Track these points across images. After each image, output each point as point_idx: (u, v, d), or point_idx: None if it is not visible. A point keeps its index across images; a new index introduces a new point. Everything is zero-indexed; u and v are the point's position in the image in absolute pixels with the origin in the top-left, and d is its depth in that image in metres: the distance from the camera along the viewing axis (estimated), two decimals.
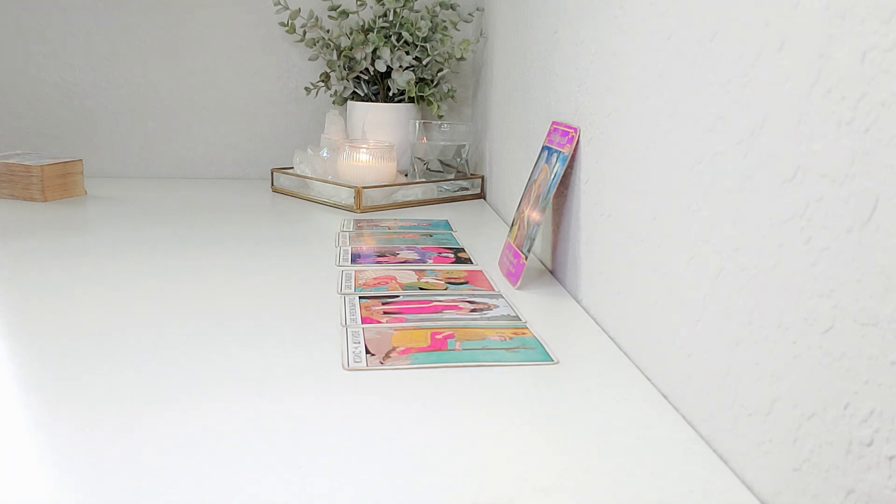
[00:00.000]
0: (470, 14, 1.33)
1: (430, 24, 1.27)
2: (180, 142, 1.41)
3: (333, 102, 1.35)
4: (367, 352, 0.56)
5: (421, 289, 0.72)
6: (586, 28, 0.71)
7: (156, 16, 1.35)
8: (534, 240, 0.73)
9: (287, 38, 1.38)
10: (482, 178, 1.29)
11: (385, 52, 1.24)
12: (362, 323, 0.62)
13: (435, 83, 1.29)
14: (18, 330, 0.59)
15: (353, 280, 0.75)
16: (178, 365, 0.53)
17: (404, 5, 1.26)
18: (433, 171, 1.26)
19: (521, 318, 0.65)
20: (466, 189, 1.27)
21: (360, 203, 1.11)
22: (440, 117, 1.29)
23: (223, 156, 1.43)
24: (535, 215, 0.74)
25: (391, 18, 1.27)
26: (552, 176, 0.73)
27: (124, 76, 1.37)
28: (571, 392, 0.51)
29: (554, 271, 0.81)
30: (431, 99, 1.29)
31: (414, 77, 1.26)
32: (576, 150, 0.72)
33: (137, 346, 0.56)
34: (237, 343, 0.57)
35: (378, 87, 1.31)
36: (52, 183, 1.13)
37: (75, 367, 0.52)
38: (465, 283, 0.75)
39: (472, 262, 0.83)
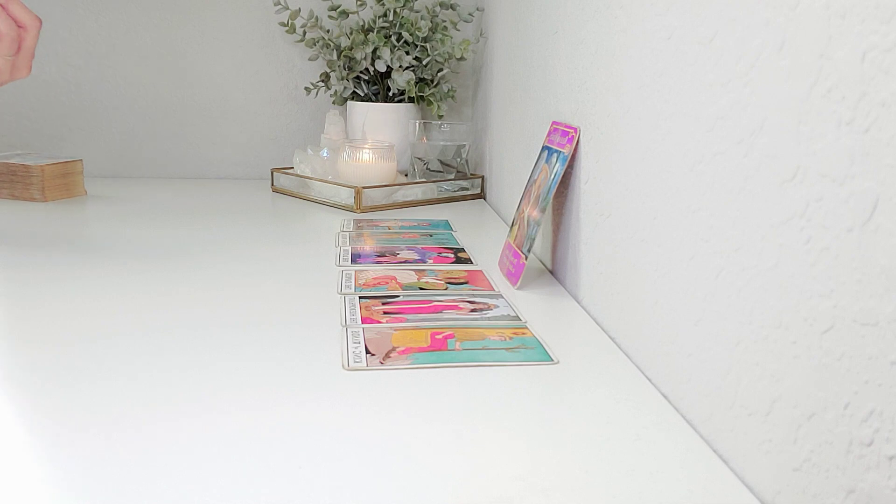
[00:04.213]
0: (470, 14, 1.33)
1: (430, 24, 1.27)
2: (180, 142, 1.41)
3: (333, 102, 1.35)
4: (367, 352, 0.56)
5: (421, 289, 0.72)
6: (586, 28, 0.71)
7: (156, 16, 1.35)
8: (534, 240, 0.73)
9: (287, 38, 1.38)
10: (482, 178, 1.29)
11: (385, 52, 1.24)
12: (362, 323, 0.62)
13: (435, 83, 1.29)
14: (17, 331, 0.59)
15: (353, 280, 0.75)
16: (177, 365, 0.53)
17: (404, 5, 1.26)
18: (433, 171, 1.26)
19: (521, 318, 0.65)
20: (466, 189, 1.27)
21: (360, 203, 1.11)
22: (440, 117, 1.29)
23: (223, 156, 1.43)
24: (535, 215, 0.74)
25: (391, 18, 1.27)
26: (552, 176, 0.73)
27: (124, 76, 1.37)
28: (571, 392, 0.51)
29: (554, 271, 0.81)
30: (431, 99, 1.29)
31: (414, 77, 1.26)
32: (576, 150, 0.72)
33: (138, 347, 0.56)
34: (237, 343, 0.57)
35: (378, 87, 1.31)
36: (52, 183, 1.13)
37: (74, 369, 0.52)
38: (465, 283, 0.75)
39: (472, 262, 0.83)
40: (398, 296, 0.70)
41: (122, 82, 1.37)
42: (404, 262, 0.82)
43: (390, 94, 1.30)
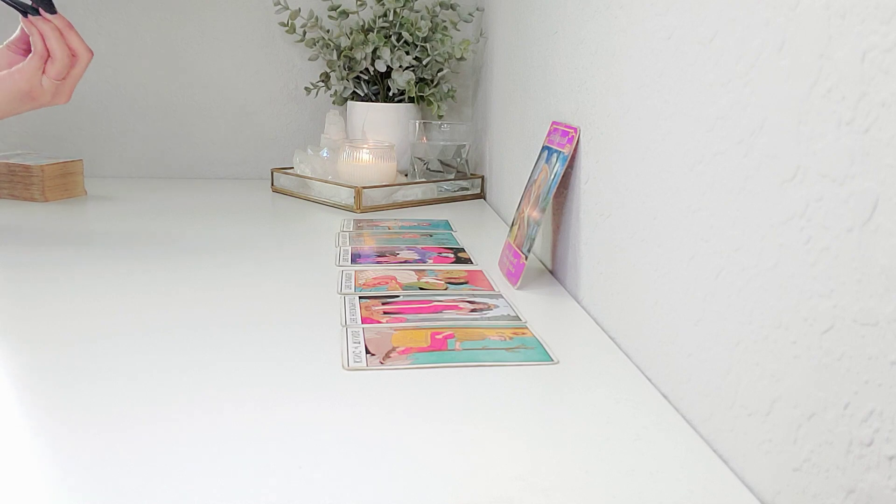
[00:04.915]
0: (470, 14, 1.33)
1: (430, 24, 1.27)
2: (180, 142, 1.41)
3: (333, 102, 1.35)
4: (367, 352, 0.56)
5: (421, 289, 0.72)
6: (586, 28, 0.71)
7: (156, 16, 1.35)
8: (534, 240, 0.73)
9: (287, 38, 1.38)
10: (482, 178, 1.29)
11: (385, 52, 1.24)
12: (362, 323, 0.62)
13: (435, 83, 1.29)
14: (17, 331, 0.59)
15: (353, 280, 0.75)
16: (177, 365, 0.53)
17: (404, 5, 1.26)
18: (433, 171, 1.26)
19: (521, 318, 0.65)
20: (466, 189, 1.27)
21: (360, 203, 1.11)
22: (440, 117, 1.29)
23: (223, 156, 1.43)
24: (535, 215, 0.74)
25: (391, 18, 1.27)
26: (552, 176, 0.73)
27: (124, 76, 1.37)
28: (571, 392, 0.51)
29: (554, 271, 0.81)
30: (431, 99, 1.29)
31: (414, 77, 1.26)
32: (576, 150, 0.72)
33: (138, 347, 0.56)
34: (237, 343, 0.57)
35: (378, 87, 1.31)
36: (52, 183, 1.12)
37: (74, 370, 0.52)
38: (465, 283, 0.75)
39: (472, 262, 0.83)
40: (398, 296, 0.70)
41: (122, 82, 1.37)
42: (404, 262, 0.82)
43: (390, 94, 1.30)
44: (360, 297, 0.69)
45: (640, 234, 0.57)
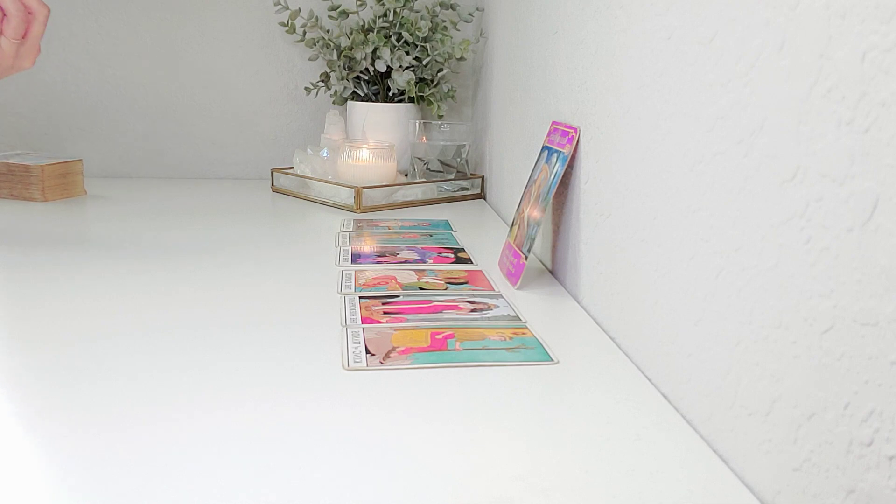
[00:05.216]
0: (470, 14, 1.33)
1: (430, 24, 1.27)
2: (180, 142, 1.41)
3: (333, 102, 1.35)
4: (367, 352, 0.56)
5: (421, 289, 0.72)
6: (586, 28, 0.71)
7: (156, 16, 1.35)
8: (534, 240, 0.73)
9: (287, 38, 1.38)
10: (482, 178, 1.29)
11: (385, 52, 1.24)
12: (362, 323, 0.62)
13: (435, 83, 1.29)
14: (17, 331, 0.59)
15: (353, 280, 0.75)
16: (177, 365, 0.53)
17: (404, 5, 1.26)
18: (433, 171, 1.26)
19: (521, 318, 0.65)
20: (466, 189, 1.27)
21: (360, 203, 1.11)
22: (440, 117, 1.29)
23: (223, 156, 1.43)
24: (535, 215, 0.74)
25: (391, 18, 1.27)
26: (552, 176, 0.73)
27: (124, 76, 1.37)
28: (571, 392, 0.51)
29: (554, 271, 0.81)
30: (431, 99, 1.29)
31: (414, 77, 1.26)
32: (576, 150, 0.72)
33: (137, 347, 0.56)
34: (237, 343, 0.57)
35: (378, 87, 1.31)
36: (52, 183, 1.12)
37: (74, 369, 0.52)
38: (465, 283, 0.75)
39: (472, 262, 0.83)
40: (398, 296, 0.70)
41: (122, 82, 1.37)
42: (404, 262, 0.82)
43: (390, 94, 1.30)
44: (360, 297, 0.69)
45: (640, 234, 0.57)
